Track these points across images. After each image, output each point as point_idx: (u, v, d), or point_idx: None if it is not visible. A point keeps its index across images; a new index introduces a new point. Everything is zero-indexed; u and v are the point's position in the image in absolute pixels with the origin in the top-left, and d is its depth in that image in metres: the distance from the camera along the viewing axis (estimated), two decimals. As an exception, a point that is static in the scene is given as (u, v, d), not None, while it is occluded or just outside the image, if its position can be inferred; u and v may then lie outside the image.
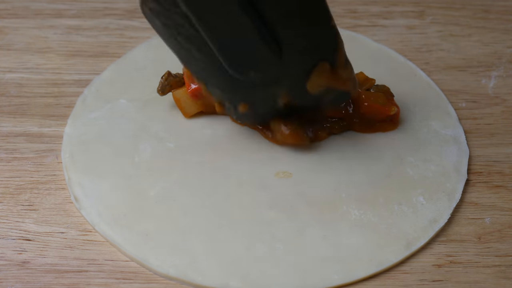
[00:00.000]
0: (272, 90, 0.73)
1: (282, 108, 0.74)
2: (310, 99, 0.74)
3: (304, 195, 0.73)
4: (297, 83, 0.72)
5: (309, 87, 0.72)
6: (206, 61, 0.71)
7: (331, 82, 0.72)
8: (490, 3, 0.94)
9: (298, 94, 0.73)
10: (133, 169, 0.75)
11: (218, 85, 0.73)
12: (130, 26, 0.90)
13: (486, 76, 0.86)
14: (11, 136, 0.79)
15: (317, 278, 0.68)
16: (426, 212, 0.72)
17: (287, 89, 0.73)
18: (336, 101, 0.75)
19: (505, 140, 0.79)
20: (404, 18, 0.92)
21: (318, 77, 0.71)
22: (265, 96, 0.73)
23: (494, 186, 0.76)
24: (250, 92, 0.73)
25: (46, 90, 0.83)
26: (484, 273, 0.69)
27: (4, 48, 0.87)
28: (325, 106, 0.75)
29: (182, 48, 0.71)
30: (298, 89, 0.73)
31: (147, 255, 0.69)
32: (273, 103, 0.74)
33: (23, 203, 0.73)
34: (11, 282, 0.68)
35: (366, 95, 0.77)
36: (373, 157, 0.76)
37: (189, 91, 0.77)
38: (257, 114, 0.75)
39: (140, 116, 0.80)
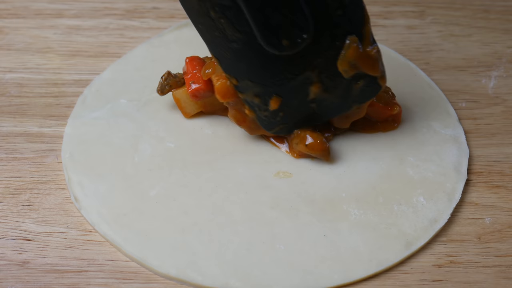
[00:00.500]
0: (304, 76, 0.72)
1: (313, 105, 0.74)
2: (340, 89, 0.73)
3: (304, 195, 0.73)
4: (328, 63, 0.71)
5: (339, 64, 0.71)
6: (240, 40, 0.70)
7: (360, 59, 0.71)
8: (490, 3, 0.94)
9: (329, 81, 0.72)
10: (133, 169, 0.75)
11: (250, 74, 0.72)
12: (130, 26, 0.90)
13: (486, 76, 0.86)
14: (11, 136, 0.79)
15: (317, 278, 0.68)
16: (426, 212, 0.72)
17: (318, 72, 0.72)
18: (366, 94, 0.74)
19: (505, 140, 0.79)
20: (404, 18, 0.92)
21: (347, 51, 0.70)
22: (297, 85, 0.72)
23: (494, 186, 0.76)
24: (282, 80, 0.72)
25: (46, 90, 0.83)
26: (484, 273, 0.69)
27: (4, 48, 0.87)
28: (354, 101, 0.74)
29: (215, 28, 0.70)
30: (329, 73, 0.72)
31: (147, 255, 0.69)
32: (305, 95, 0.73)
33: (23, 203, 0.73)
34: (11, 282, 0.68)
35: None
36: (373, 157, 0.76)
37: (189, 91, 0.77)
38: (288, 113, 0.74)
39: (140, 116, 0.80)
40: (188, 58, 0.78)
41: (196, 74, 0.77)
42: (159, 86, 0.79)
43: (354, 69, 0.71)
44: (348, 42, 0.70)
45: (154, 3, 0.93)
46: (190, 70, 0.77)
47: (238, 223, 0.71)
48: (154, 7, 0.92)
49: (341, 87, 0.73)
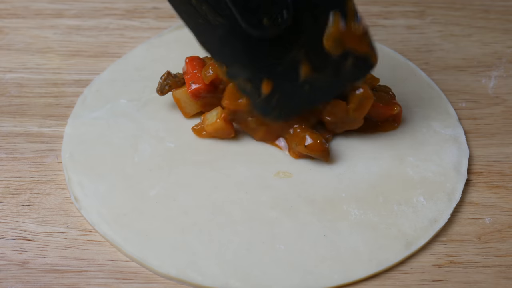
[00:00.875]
0: (292, 55, 0.71)
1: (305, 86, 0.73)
2: (330, 67, 0.72)
3: (304, 195, 0.73)
4: (314, 41, 0.71)
5: (325, 41, 0.70)
6: (222, 25, 0.69)
7: (346, 37, 0.70)
8: (490, 3, 0.94)
9: (317, 59, 0.72)
10: (133, 169, 0.75)
11: (238, 59, 0.72)
12: (130, 26, 0.90)
13: (486, 76, 0.86)
14: (11, 136, 0.79)
15: (317, 278, 0.68)
16: (426, 212, 0.72)
17: (306, 52, 0.71)
18: (358, 73, 0.73)
19: (505, 140, 0.79)
20: (404, 18, 0.92)
21: (331, 28, 0.70)
22: (286, 67, 0.72)
23: (494, 186, 0.76)
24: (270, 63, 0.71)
25: (46, 90, 0.83)
26: (484, 273, 0.69)
27: (4, 48, 0.87)
28: (347, 79, 0.74)
29: (198, 15, 0.70)
30: (317, 51, 0.71)
31: (147, 255, 0.69)
32: (296, 76, 0.72)
33: (23, 203, 0.73)
34: (11, 282, 0.68)
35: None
36: (373, 157, 0.76)
37: (189, 91, 0.77)
38: (282, 97, 0.73)
39: (140, 116, 0.80)
40: (188, 58, 0.78)
41: (196, 74, 0.77)
42: (159, 86, 0.79)
43: (340, 47, 0.71)
44: (332, 19, 0.69)
45: (154, 3, 0.93)
46: (190, 70, 0.77)
47: (238, 223, 0.71)
48: (154, 7, 0.92)
49: (330, 66, 0.72)
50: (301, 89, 0.73)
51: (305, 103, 0.75)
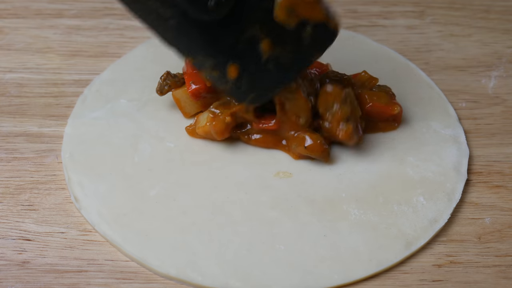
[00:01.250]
0: (249, 32, 0.70)
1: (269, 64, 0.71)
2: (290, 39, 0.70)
3: (304, 195, 0.73)
4: (267, 15, 0.69)
5: (277, 13, 0.69)
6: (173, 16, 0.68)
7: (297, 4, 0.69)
8: (490, 3, 0.94)
9: (275, 33, 0.70)
10: (133, 169, 0.75)
11: (198, 48, 0.71)
12: (130, 26, 0.90)
13: (486, 76, 0.86)
14: (11, 136, 0.79)
15: (317, 278, 0.68)
16: (426, 212, 0.72)
17: (261, 28, 0.70)
18: (320, 42, 0.72)
19: (505, 140, 0.79)
20: (404, 18, 0.92)
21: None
22: (246, 47, 0.70)
23: (494, 186, 0.76)
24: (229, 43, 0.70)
25: (46, 90, 0.83)
26: (484, 273, 0.69)
27: (4, 48, 0.87)
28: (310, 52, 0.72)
29: (149, 11, 0.69)
30: (272, 25, 0.70)
31: (147, 255, 0.69)
32: (258, 55, 0.71)
33: (23, 203, 0.73)
34: (11, 282, 0.68)
35: (369, 95, 0.77)
36: (373, 157, 0.76)
37: (189, 91, 0.77)
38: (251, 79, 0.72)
39: (140, 116, 0.80)
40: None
41: (196, 74, 0.77)
42: (158, 86, 0.79)
43: (293, 17, 0.69)
44: None
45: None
46: (190, 70, 0.77)
47: (238, 223, 0.71)
48: (154, 7, 0.92)
49: (290, 39, 0.71)
50: (267, 67, 0.72)
51: (275, 82, 0.73)
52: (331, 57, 0.83)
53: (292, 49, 0.72)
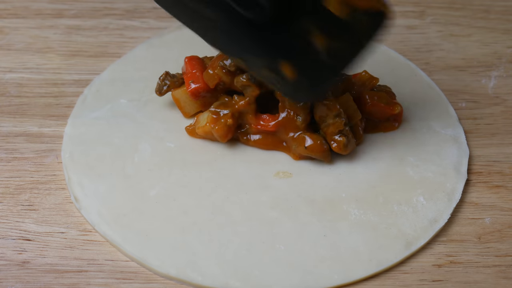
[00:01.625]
0: (300, 29, 0.68)
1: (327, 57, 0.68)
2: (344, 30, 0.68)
3: (304, 195, 0.73)
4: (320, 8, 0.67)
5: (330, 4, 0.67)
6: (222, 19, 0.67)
7: None
8: (490, 3, 0.94)
9: (328, 25, 0.68)
10: (133, 169, 0.75)
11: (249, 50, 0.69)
12: (130, 26, 0.90)
13: (486, 76, 0.86)
14: (11, 136, 0.79)
15: (317, 278, 0.68)
16: (426, 212, 0.72)
17: (314, 22, 0.68)
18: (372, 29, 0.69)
19: (505, 140, 0.79)
20: (404, 18, 0.92)
21: None
22: (300, 44, 0.68)
23: (494, 186, 0.76)
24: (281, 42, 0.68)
25: (46, 90, 0.83)
26: (484, 273, 0.69)
27: (4, 48, 0.87)
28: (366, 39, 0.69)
29: (199, 17, 0.68)
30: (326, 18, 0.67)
31: (147, 255, 0.69)
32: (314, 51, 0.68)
33: (23, 203, 0.73)
34: (11, 282, 0.68)
35: (370, 95, 0.77)
36: (373, 157, 0.76)
37: (189, 91, 0.77)
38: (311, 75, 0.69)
39: (140, 116, 0.80)
40: (187, 58, 0.78)
41: (195, 74, 0.77)
42: (157, 86, 0.79)
43: (346, 7, 0.67)
44: None
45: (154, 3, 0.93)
46: (190, 70, 0.77)
47: (238, 223, 0.71)
48: (154, 7, 0.92)
49: (344, 30, 0.68)
50: (324, 61, 0.69)
51: (333, 74, 0.71)
52: (331, 57, 0.83)
53: (346, 39, 0.69)
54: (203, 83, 0.77)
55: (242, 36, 0.69)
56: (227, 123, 0.75)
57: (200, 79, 0.77)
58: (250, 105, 0.75)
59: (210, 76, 0.76)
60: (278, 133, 0.76)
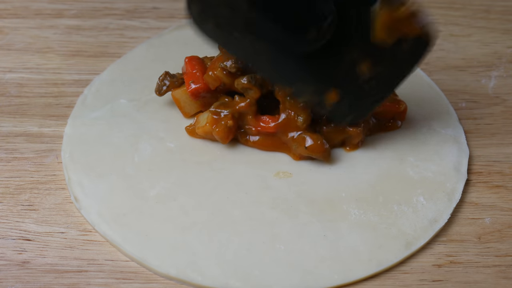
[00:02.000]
0: (348, 57, 0.70)
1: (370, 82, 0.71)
2: (389, 57, 0.70)
3: (304, 195, 0.73)
4: (365, 36, 0.69)
5: (376, 33, 0.69)
6: (271, 49, 0.69)
7: (395, 22, 0.68)
8: (490, 3, 0.94)
9: (373, 53, 0.70)
10: (133, 169, 0.75)
11: (297, 77, 0.71)
12: (130, 26, 0.90)
13: (486, 76, 0.86)
14: (11, 136, 0.79)
15: (317, 278, 0.68)
16: (426, 212, 0.72)
17: (361, 50, 0.70)
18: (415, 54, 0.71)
19: (505, 140, 0.79)
20: (404, 18, 0.92)
21: (379, 19, 0.68)
22: (346, 71, 0.71)
23: (494, 186, 0.76)
24: (328, 70, 0.70)
25: (46, 90, 0.83)
26: (484, 273, 0.69)
27: (4, 48, 0.88)
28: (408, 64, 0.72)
29: (246, 47, 0.70)
30: (369, 46, 0.70)
31: (147, 255, 0.69)
32: (359, 77, 0.71)
33: (23, 203, 0.73)
34: (11, 282, 0.68)
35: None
36: (373, 157, 0.76)
37: (189, 91, 0.77)
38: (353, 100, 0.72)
39: (140, 116, 0.80)
40: (187, 58, 0.78)
41: (195, 74, 0.77)
42: (157, 86, 0.79)
43: (392, 35, 0.69)
44: (377, 9, 0.67)
45: (154, 3, 0.93)
46: (190, 70, 0.77)
47: (238, 223, 0.71)
48: (154, 7, 0.92)
49: (388, 57, 0.71)
50: (367, 86, 0.72)
51: (375, 98, 0.73)
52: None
53: (390, 65, 0.72)
54: (203, 83, 0.77)
55: (291, 66, 0.70)
56: (228, 124, 0.75)
57: (200, 79, 0.77)
58: (250, 107, 0.75)
59: (211, 79, 0.76)
60: (278, 134, 0.76)
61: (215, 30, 0.69)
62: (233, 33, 0.69)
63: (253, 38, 0.69)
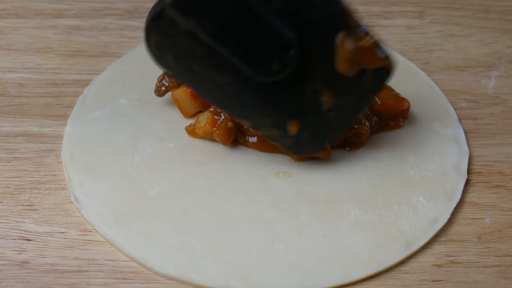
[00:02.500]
0: (310, 88, 0.70)
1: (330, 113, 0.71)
2: (351, 87, 0.70)
3: (304, 195, 0.73)
4: (328, 68, 0.69)
5: (338, 65, 0.68)
6: (232, 82, 0.69)
7: (358, 55, 0.68)
8: (490, 3, 0.94)
9: (335, 84, 0.70)
10: (133, 169, 0.75)
11: (257, 110, 0.72)
12: (130, 26, 0.90)
13: (486, 76, 0.86)
14: (11, 136, 0.79)
15: (317, 278, 0.68)
16: (426, 212, 0.72)
17: (323, 81, 0.70)
18: (378, 82, 0.71)
19: (505, 140, 0.79)
20: (404, 18, 0.92)
21: (340, 51, 0.68)
22: (307, 102, 0.71)
23: (494, 186, 0.76)
24: (289, 101, 0.71)
25: (46, 90, 0.83)
26: (484, 273, 0.69)
27: (4, 48, 0.87)
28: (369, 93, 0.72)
29: (204, 80, 0.70)
30: (332, 76, 0.69)
31: (147, 255, 0.69)
32: (320, 107, 0.71)
33: (23, 203, 0.73)
34: (11, 282, 0.68)
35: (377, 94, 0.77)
36: (373, 157, 0.76)
37: (188, 91, 0.77)
38: (312, 131, 0.73)
39: (140, 116, 0.80)
40: (188, 58, 0.78)
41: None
42: (156, 87, 0.79)
43: (354, 66, 0.69)
44: (338, 41, 0.67)
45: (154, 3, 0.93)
46: (190, 70, 0.77)
47: (238, 223, 0.71)
48: (154, 7, 0.92)
49: (351, 87, 0.70)
50: (328, 117, 0.72)
51: (335, 128, 0.73)
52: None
53: (352, 96, 0.71)
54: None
55: (251, 97, 0.70)
56: (228, 126, 0.75)
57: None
58: None
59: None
60: None
61: (173, 62, 0.69)
62: (192, 66, 0.69)
63: (212, 71, 0.69)
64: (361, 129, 0.75)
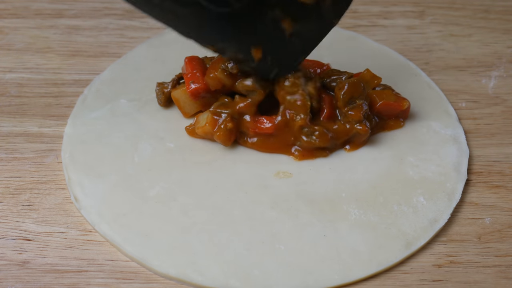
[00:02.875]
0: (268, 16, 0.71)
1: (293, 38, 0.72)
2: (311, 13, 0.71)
3: (304, 195, 0.73)
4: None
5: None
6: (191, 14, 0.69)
7: None
8: (490, 3, 0.94)
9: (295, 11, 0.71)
10: (133, 169, 0.75)
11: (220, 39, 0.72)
12: (130, 26, 0.90)
13: (486, 76, 0.86)
14: (11, 136, 0.79)
15: (317, 278, 0.68)
16: (426, 212, 0.72)
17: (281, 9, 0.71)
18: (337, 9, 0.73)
19: (505, 140, 0.79)
20: (404, 18, 0.92)
21: None
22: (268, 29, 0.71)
23: (494, 186, 0.76)
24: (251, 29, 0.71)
25: (46, 90, 0.83)
26: (484, 273, 0.69)
27: (4, 48, 0.87)
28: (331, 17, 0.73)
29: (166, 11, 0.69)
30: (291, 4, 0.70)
31: (147, 255, 0.69)
32: (281, 35, 0.72)
33: (23, 203, 0.73)
34: (11, 282, 0.68)
35: (377, 94, 0.77)
36: (373, 157, 0.76)
37: (188, 91, 0.77)
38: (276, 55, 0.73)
39: (140, 116, 0.80)
40: (187, 58, 0.79)
41: (195, 74, 0.77)
42: (157, 99, 0.79)
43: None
44: None
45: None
46: (190, 70, 0.78)
47: (238, 223, 0.71)
48: (154, 7, 0.92)
49: (310, 12, 0.72)
50: (291, 42, 0.73)
51: (299, 53, 0.74)
52: (331, 57, 0.83)
53: (313, 21, 0.72)
54: (203, 83, 0.77)
55: (213, 27, 0.70)
56: (228, 127, 0.75)
57: (200, 79, 0.77)
58: (250, 107, 0.75)
59: (212, 80, 0.76)
60: (275, 135, 0.76)
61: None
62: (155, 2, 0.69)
63: (171, 4, 0.68)
64: (361, 129, 0.75)
